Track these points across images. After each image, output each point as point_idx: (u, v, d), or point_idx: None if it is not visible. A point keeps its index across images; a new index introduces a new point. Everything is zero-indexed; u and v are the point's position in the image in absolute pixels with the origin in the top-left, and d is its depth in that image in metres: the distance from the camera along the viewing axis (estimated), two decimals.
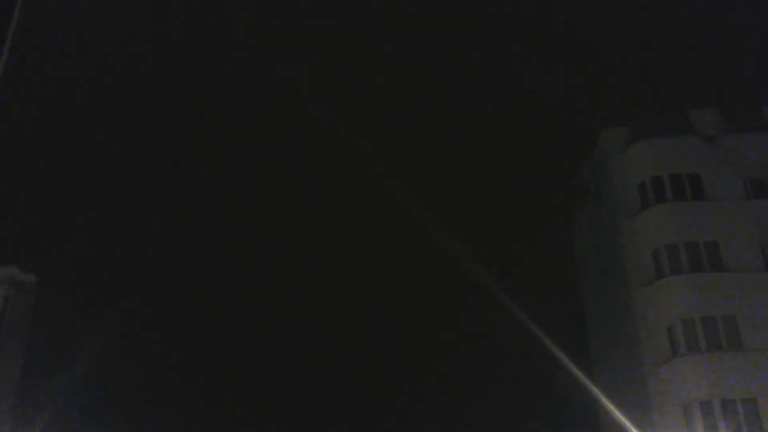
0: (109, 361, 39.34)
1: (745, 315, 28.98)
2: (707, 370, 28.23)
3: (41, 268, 36.04)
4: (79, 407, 36.65)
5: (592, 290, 37.22)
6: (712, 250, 30.44)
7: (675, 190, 31.65)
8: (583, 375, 31.40)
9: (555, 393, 33.54)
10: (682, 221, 30.98)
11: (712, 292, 29.52)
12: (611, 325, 33.95)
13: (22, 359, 34.95)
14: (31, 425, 32.47)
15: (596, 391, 31.90)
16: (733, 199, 31.45)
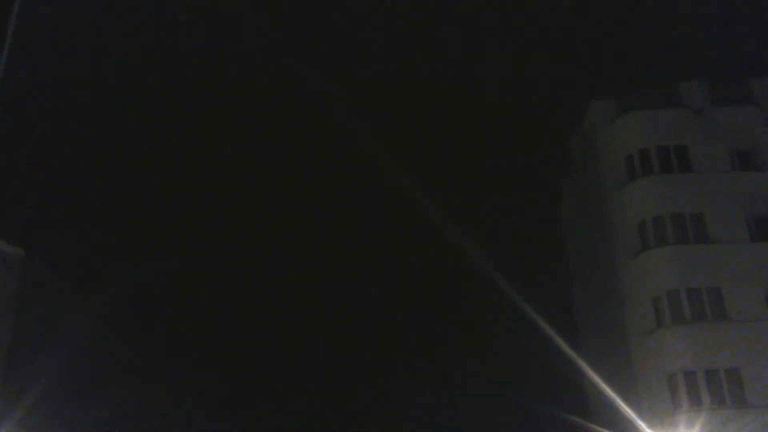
0: (97, 335, 39.33)
1: (729, 286, 29.17)
2: (691, 341, 28.47)
3: (28, 242, 35.91)
4: (67, 382, 36.67)
5: (578, 262, 37.39)
6: (697, 222, 30.57)
7: (662, 162, 31.70)
8: (569, 346, 31.62)
9: (541, 364, 33.78)
10: (668, 193, 31.07)
11: (697, 264, 29.69)
12: (597, 296, 34.16)
13: (10, 334, 34.88)
14: (19, 400, 32.44)
15: (582, 362, 32.14)
16: (719, 171, 31.54)
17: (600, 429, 29.69)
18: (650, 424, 27.78)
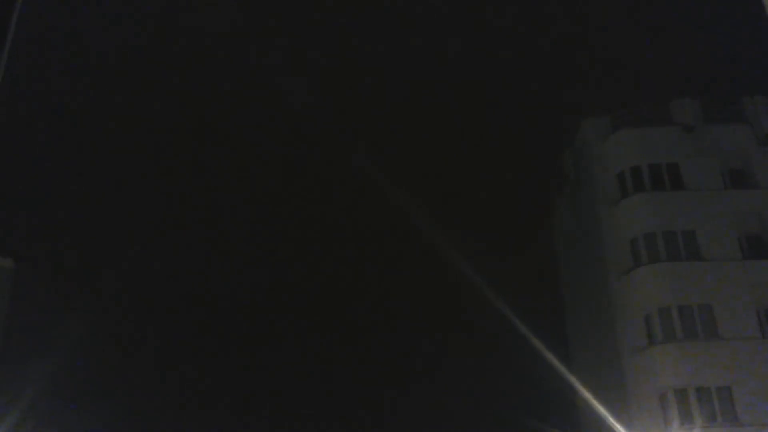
0: (88, 346, 39.19)
1: (721, 304, 29.27)
2: (683, 359, 28.54)
3: (19, 253, 35.74)
4: (57, 393, 36.50)
5: (571, 278, 37.46)
6: (689, 239, 30.71)
7: (654, 179, 31.90)
8: (561, 363, 31.65)
9: (533, 381, 33.78)
10: (660, 210, 31.22)
11: (689, 281, 29.80)
12: (589, 313, 34.22)
13: (1, 345, 34.72)
14: (9, 412, 32.26)
15: (574, 380, 32.17)
16: (711, 188, 31.73)
17: None
18: None
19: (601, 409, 29.68)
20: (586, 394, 31.25)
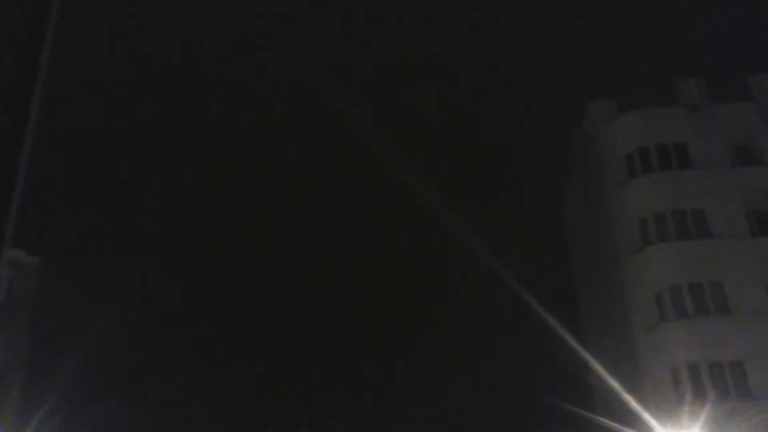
0: (114, 341, 40.02)
1: (731, 280, 29.61)
2: (695, 335, 28.91)
3: (44, 251, 36.59)
4: (85, 387, 37.34)
5: (581, 259, 37.88)
6: (698, 217, 31.03)
7: (662, 159, 32.20)
8: (574, 341, 32.14)
9: (546, 359, 34.32)
10: (668, 190, 31.56)
11: (699, 259, 30.14)
12: (601, 292, 34.64)
13: (29, 342, 35.60)
14: (38, 407, 33.11)
15: (587, 356, 32.64)
16: (719, 167, 32.01)
17: (606, 421, 30.19)
18: (655, 417, 28.25)
19: (615, 386, 30.14)
20: (600, 371, 31.72)
